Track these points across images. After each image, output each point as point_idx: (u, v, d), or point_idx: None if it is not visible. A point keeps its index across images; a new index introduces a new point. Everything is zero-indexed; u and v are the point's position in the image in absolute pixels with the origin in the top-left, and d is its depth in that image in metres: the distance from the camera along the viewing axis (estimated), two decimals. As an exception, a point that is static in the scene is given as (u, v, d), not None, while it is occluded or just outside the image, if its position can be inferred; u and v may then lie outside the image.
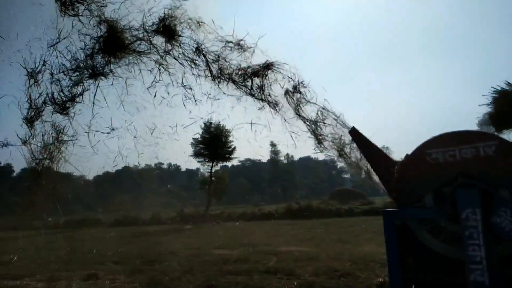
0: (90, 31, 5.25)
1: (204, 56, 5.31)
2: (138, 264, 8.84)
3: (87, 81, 5.34)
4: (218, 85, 5.32)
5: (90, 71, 5.28)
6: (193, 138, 30.90)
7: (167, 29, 5.24)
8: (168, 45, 5.33)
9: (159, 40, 5.34)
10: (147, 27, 5.26)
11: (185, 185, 64.93)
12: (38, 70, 5.25)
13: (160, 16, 5.24)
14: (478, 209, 3.15)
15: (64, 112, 5.35)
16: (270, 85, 5.26)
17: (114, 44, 5.17)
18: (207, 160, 33.20)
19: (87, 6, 5.21)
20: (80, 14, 5.23)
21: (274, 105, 5.24)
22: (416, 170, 3.59)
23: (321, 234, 13.64)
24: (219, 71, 5.31)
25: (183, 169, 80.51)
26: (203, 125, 29.73)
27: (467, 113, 9.78)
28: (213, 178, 33.34)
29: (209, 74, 5.34)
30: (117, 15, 5.20)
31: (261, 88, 5.21)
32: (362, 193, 33.72)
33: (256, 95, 5.26)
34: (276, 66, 5.23)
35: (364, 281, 6.19)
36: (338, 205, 25.31)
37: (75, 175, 7.23)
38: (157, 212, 28.90)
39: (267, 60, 5.23)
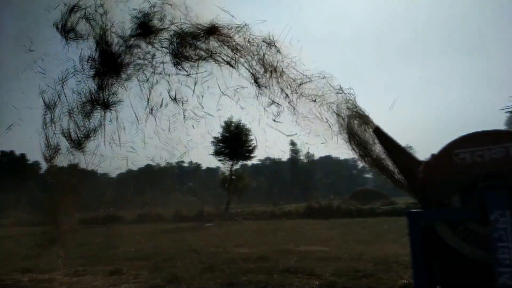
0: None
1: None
2: (161, 261, 9.00)
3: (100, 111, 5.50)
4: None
5: (101, 103, 5.44)
6: (214, 137, 31.11)
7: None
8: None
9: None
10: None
11: (206, 183, 65.46)
12: (53, 105, 5.47)
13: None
14: (507, 210, 3.05)
15: (80, 148, 5.57)
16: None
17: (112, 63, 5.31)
18: (227, 158, 33.41)
19: (89, 26, 5.36)
20: (84, 37, 5.38)
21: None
22: (442, 171, 3.50)
23: (342, 234, 13.50)
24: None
25: (204, 167, 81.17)
26: (223, 124, 29.90)
27: (494, 112, 9.46)
28: (233, 177, 33.51)
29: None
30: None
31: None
32: (384, 193, 33.19)
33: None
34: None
35: (387, 282, 6.10)
36: (359, 205, 24.99)
37: (99, 172, 7.43)
38: (178, 210, 29.33)
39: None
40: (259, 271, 7.27)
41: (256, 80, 5.25)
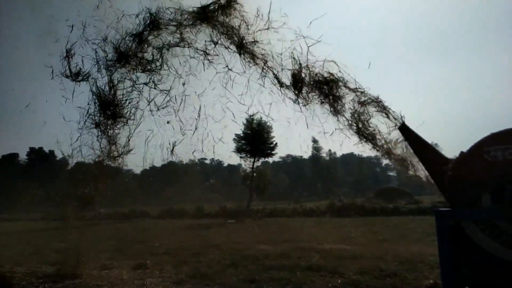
0: None
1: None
2: (184, 256, 9.13)
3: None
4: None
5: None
6: (236, 134, 31.23)
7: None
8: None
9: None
10: None
11: (227, 180, 65.91)
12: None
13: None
14: (541, 210, 2.95)
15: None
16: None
17: None
18: (248, 155, 33.49)
19: None
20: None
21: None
22: (472, 169, 3.40)
23: (365, 232, 13.32)
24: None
25: (225, 164, 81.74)
26: (245, 121, 29.96)
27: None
28: (254, 174, 33.59)
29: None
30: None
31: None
32: (409, 192, 32.52)
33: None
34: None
35: (412, 282, 5.98)
36: (383, 204, 24.59)
37: (124, 169, 7.62)
38: (200, 206, 29.70)
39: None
40: (281, 268, 7.25)
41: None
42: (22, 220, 31.02)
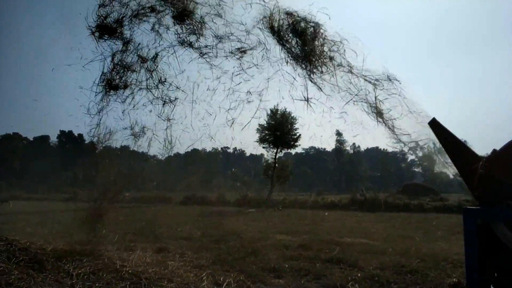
0: None
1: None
2: (205, 242, 9.29)
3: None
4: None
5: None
6: (259, 124, 31.25)
7: None
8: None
9: None
10: None
11: (249, 170, 66.26)
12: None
13: None
14: None
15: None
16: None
17: None
18: (271, 146, 33.49)
19: None
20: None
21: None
22: (505, 167, 3.27)
23: (388, 228, 13.13)
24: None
25: (248, 154, 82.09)
26: (269, 112, 29.90)
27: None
28: (276, 165, 33.60)
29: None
30: None
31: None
32: (434, 189, 31.77)
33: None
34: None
35: (434, 280, 5.88)
36: (407, 200, 24.12)
37: (149, 155, 7.79)
38: (222, 194, 30.05)
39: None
40: (300, 259, 7.28)
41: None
42: (51, 200, 32.33)
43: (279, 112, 31.20)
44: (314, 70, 5.20)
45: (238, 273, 6.06)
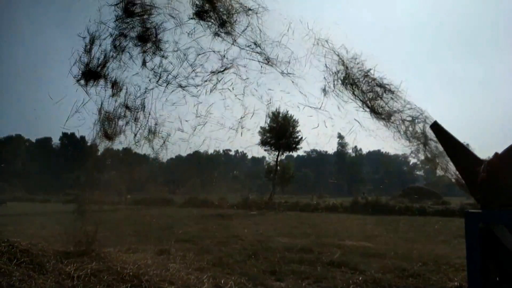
0: None
1: None
2: (207, 245, 9.28)
3: None
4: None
5: None
6: (261, 127, 31.24)
7: None
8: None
9: None
10: None
11: (251, 172, 66.25)
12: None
13: None
14: None
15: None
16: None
17: None
18: (273, 149, 33.48)
19: None
20: None
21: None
22: (507, 170, 3.26)
23: (389, 231, 13.08)
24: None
25: (249, 156, 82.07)
26: (271, 114, 29.90)
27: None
28: (278, 167, 33.59)
29: None
30: None
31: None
32: (436, 192, 31.67)
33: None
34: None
35: (436, 283, 5.84)
36: (409, 203, 24.04)
37: (151, 157, 7.83)
38: (223, 196, 30.05)
39: None
40: (301, 262, 7.26)
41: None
42: (53, 202, 32.38)
43: (280, 115, 31.19)
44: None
45: (239, 276, 6.03)
